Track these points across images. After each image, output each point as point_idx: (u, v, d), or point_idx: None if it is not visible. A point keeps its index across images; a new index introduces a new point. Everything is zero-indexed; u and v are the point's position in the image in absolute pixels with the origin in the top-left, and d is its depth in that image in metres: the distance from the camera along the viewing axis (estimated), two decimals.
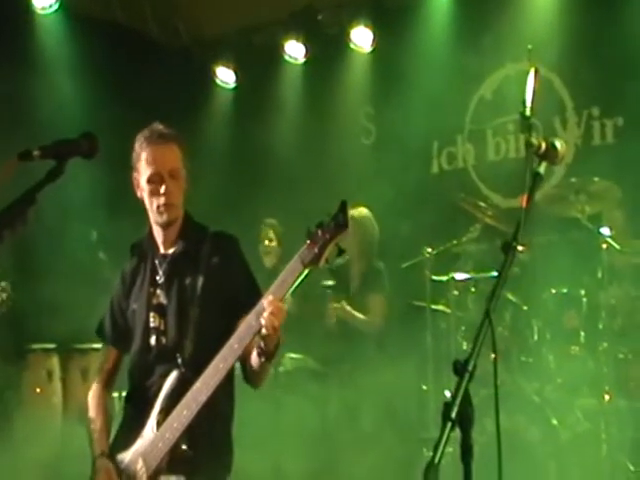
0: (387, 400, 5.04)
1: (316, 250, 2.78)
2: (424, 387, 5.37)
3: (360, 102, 7.55)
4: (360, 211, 5.81)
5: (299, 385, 4.99)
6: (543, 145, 2.32)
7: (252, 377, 3.00)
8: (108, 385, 3.20)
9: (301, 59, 7.68)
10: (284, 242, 6.21)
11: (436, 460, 1.78)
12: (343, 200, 2.82)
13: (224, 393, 2.96)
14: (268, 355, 2.80)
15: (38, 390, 5.64)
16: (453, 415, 1.85)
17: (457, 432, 1.87)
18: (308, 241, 2.79)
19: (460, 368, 1.95)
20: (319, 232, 2.79)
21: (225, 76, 8.02)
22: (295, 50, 7.66)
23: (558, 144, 2.31)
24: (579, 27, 6.47)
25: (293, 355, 5.50)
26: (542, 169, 2.31)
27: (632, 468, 4.62)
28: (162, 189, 2.99)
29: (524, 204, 2.29)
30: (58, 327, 5.44)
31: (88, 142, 2.29)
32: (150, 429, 2.92)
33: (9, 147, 2.53)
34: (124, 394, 3.16)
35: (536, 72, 5.49)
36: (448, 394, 5.18)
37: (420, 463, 5.04)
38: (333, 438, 4.85)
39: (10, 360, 5.49)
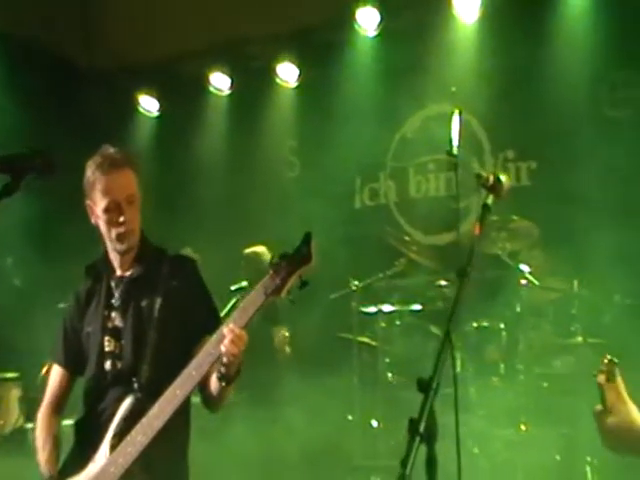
0: (314, 429, 5.08)
1: (278, 281, 2.80)
2: (350, 417, 5.45)
3: (285, 135, 7.67)
4: (258, 248, 5.91)
5: (231, 412, 4.98)
6: (491, 178, 2.42)
7: (211, 402, 2.99)
8: (58, 408, 3.12)
9: (226, 91, 7.75)
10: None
11: (407, 472, 1.85)
12: (307, 232, 2.86)
13: (180, 420, 2.94)
14: (229, 380, 2.82)
15: None
16: (421, 430, 1.92)
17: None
18: (271, 271, 2.82)
19: (424, 386, 2.01)
20: (282, 263, 2.82)
21: (148, 104, 8.00)
22: (220, 81, 7.72)
23: (503, 178, 2.43)
24: (498, 72, 6.78)
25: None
26: (490, 201, 2.40)
27: None
28: (121, 219, 2.96)
29: (477, 232, 2.40)
30: None
31: (42, 159, 2.26)
32: (103, 454, 2.87)
33: None
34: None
35: (460, 114, 5.75)
36: (375, 424, 5.29)
37: None
38: (269, 464, 4.85)
39: None
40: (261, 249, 5.80)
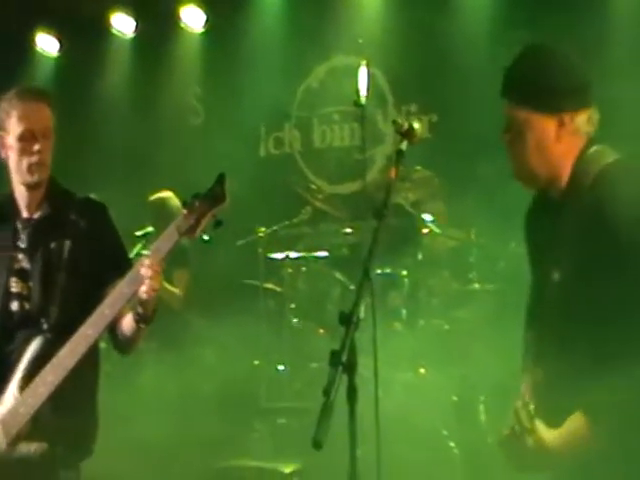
0: (221, 374, 5.16)
1: (192, 220, 2.81)
2: (256, 362, 5.55)
3: (189, 82, 7.57)
4: (164, 193, 5.87)
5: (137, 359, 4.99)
6: (405, 125, 2.49)
7: (124, 344, 3.00)
8: None
9: (130, 33, 7.57)
10: None
11: (331, 398, 1.95)
12: (221, 173, 2.87)
13: (90, 362, 2.92)
14: (147, 319, 2.83)
15: None
16: (344, 359, 2.02)
17: None
18: (185, 211, 2.84)
19: (345, 319, 2.12)
20: (196, 203, 2.83)
21: (47, 44, 7.71)
22: (123, 23, 7.53)
23: (416, 125, 2.49)
24: (404, 26, 6.88)
25: None
26: (404, 146, 2.46)
27: (445, 433, 5.04)
28: (35, 147, 2.92)
29: (393, 175, 2.47)
30: None
31: None
32: (11, 394, 2.84)
33: None
34: None
35: (367, 66, 5.83)
36: (281, 368, 5.41)
37: (253, 432, 5.23)
38: (176, 408, 4.90)
39: None
40: (168, 194, 5.76)
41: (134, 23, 7.49)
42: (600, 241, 2.21)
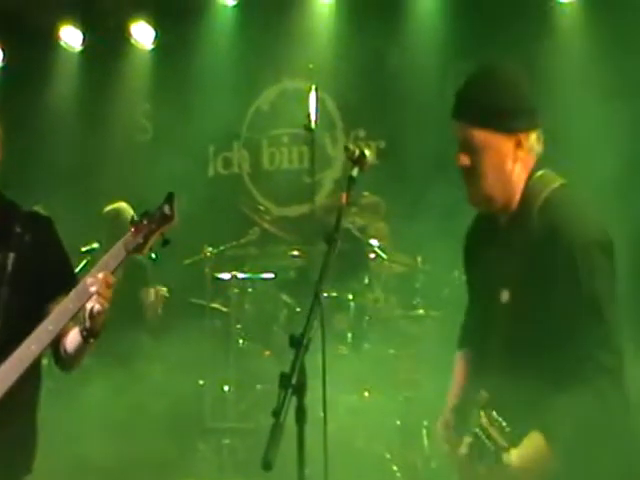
0: (165, 394, 5.11)
1: (140, 239, 2.79)
2: (201, 382, 5.51)
3: (138, 98, 7.53)
4: (119, 204, 5.84)
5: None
6: (357, 151, 2.53)
7: (67, 360, 2.93)
8: None
9: (78, 47, 7.50)
10: None
11: (281, 420, 1.96)
12: (170, 192, 2.84)
13: (32, 377, 2.84)
14: (95, 334, 2.77)
15: None
16: (294, 382, 2.05)
17: None
18: (132, 229, 2.82)
19: (296, 342, 2.15)
20: (144, 221, 2.82)
21: None
22: (71, 36, 7.46)
23: (367, 152, 2.54)
24: (352, 52, 6.99)
25: None
26: (355, 173, 2.48)
27: (388, 456, 5.09)
28: None
29: (344, 201, 2.48)
30: None
31: None
32: None
33: None
34: None
35: (316, 90, 5.91)
36: (227, 388, 5.39)
37: (197, 452, 5.19)
38: (124, 427, 4.83)
39: None
40: (122, 205, 5.71)
41: (81, 36, 7.41)
42: (553, 262, 2.28)
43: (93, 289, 2.73)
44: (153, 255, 2.84)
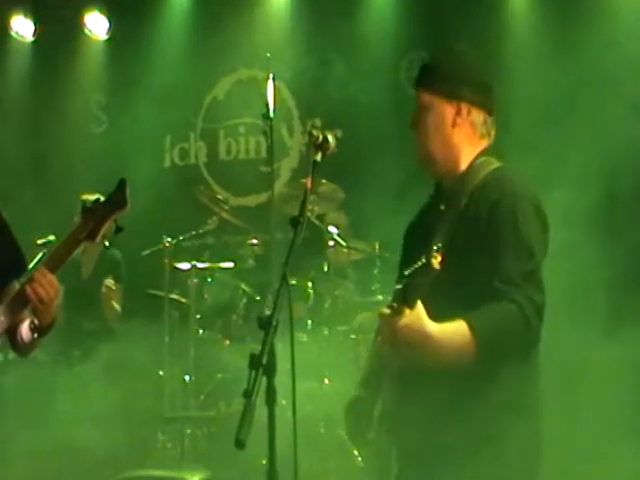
0: (125, 385, 5.09)
1: (92, 226, 2.78)
2: (160, 372, 5.49)
3: (92, 89, 7.45)
4: (94, 196, 5.78)
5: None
6: (320, 137, 2.57)
7: (21, 348, 2.93)
8: None
9: (30, 37, 7.40)
10: None
11: (253, 400, 1.99)
12: (122, 179, 2.84)
13: None
14: (41, 331, 2.77)
15: None
16: (264, 362, 2.07)
17: None
18: (84, 217, 2.80)
19: (264, 323, 2.17)
20: (95, 208, 2.80)
21: None
22: (23, 26, 7.36)
23: (330, 138, 2.59)
24: (308, 41, 7.00)
25: None
26: (319, 157, 2.55)
27: (349, 442, 5.12)
28: None
29: (309, 185, 2.52)
30: None
31: None
32: None
33: None
34: None
35: (273, 79, 5.92)
36: (187, 378, 5.38)
37: (157, 442, 5.19)
38: (84, 417, 4.80)
39: None
40: (96, 197, 5.66)
41: (33, 26, 7.30)
42: (492, 218, 2.41)
43: (35, 281, 2.69)
44: (107, 243, 2.82)
